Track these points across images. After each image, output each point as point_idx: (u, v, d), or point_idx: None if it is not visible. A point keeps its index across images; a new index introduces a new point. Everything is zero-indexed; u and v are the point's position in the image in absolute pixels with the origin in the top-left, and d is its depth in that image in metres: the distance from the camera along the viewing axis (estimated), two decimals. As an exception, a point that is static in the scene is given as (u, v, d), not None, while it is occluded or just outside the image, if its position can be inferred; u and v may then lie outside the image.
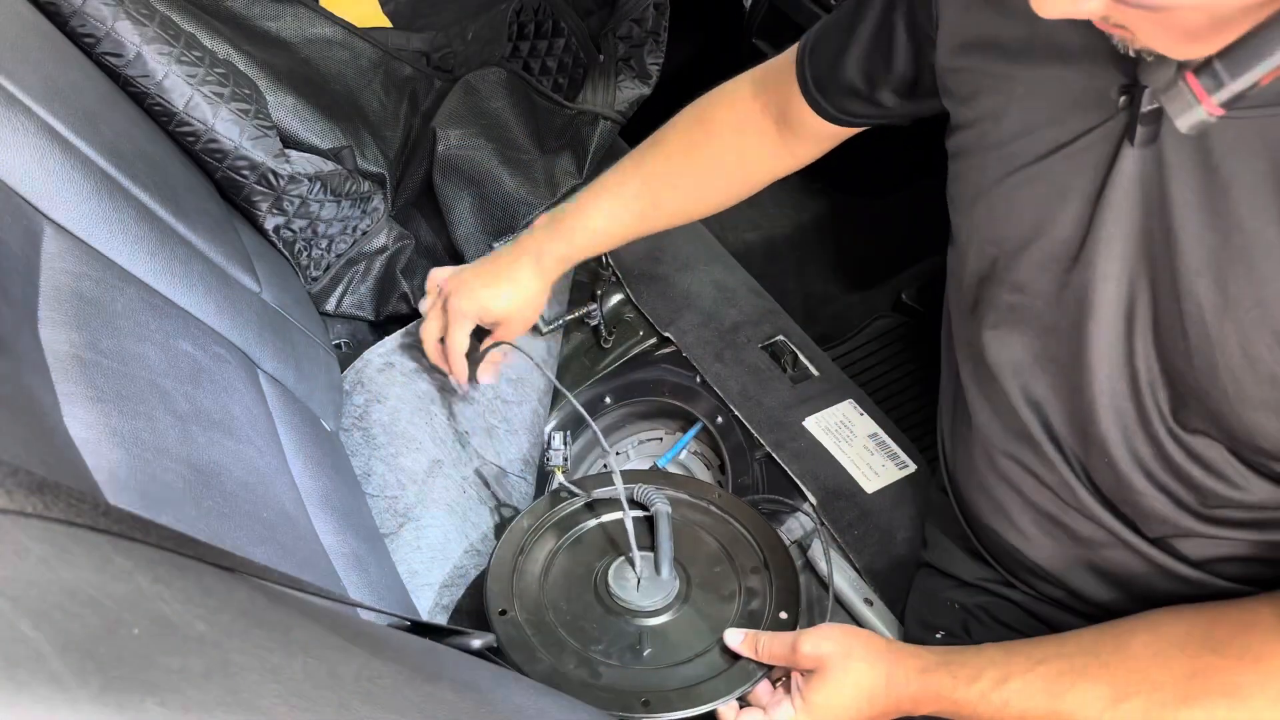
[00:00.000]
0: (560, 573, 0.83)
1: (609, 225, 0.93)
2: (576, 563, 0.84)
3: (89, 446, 0.53)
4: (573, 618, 0.79)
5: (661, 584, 0.80)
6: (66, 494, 0.33)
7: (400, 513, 0.94)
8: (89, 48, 0.83)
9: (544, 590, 0.81)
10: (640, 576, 0.80)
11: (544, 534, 0.86)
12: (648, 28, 1.24)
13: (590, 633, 0.77)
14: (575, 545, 0.86)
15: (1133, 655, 0.60)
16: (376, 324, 1.19)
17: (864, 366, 1.39)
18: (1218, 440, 0.58)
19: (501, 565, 0.82)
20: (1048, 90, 0.60)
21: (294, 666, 0.35)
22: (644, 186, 0.93)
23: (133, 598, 0.31)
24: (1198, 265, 0.54)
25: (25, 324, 0.54)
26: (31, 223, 0.61)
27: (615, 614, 0.79)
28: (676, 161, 0.92)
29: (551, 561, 0.84)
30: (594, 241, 0.95)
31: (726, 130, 0.91)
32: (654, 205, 0.93)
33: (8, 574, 0.27)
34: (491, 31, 1.30)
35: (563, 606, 0.80)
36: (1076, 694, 0.60)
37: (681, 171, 0.92)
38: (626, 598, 0.79)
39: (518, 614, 0.78)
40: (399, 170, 1.25)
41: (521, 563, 0.83)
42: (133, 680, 0.27)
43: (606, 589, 0.80)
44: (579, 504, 0.88)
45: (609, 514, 0.87)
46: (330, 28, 1.17)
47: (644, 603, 0.79)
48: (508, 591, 0.80)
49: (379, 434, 0.98)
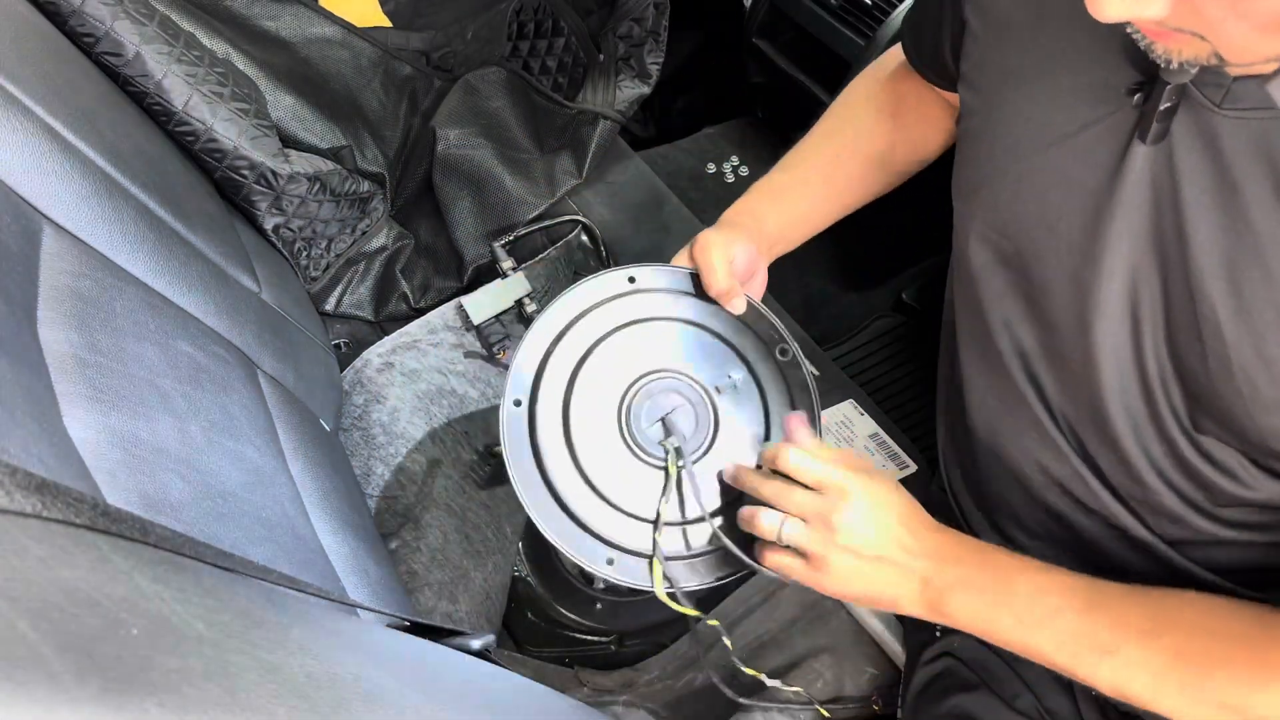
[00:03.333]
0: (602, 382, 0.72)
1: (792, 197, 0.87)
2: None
3: (89, 446, 0.53)
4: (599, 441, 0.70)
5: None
6: (65, 494, 0.33)
7: (400, 513, 0.94)
8: (88, 47, 0.83)
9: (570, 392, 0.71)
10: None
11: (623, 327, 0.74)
12: (648, 27, 1.24)
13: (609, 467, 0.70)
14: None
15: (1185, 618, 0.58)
16: (376, 324, 1.19)
17: (864, 366, 1.39)
18: (1230, 444, 0.58)
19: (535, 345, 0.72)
20: (1056, 80, 0.60)
21: (294, 666, 0.35)
22: (821, 155, 0.88)
23: (132, 598, 0.31)
24: (1211, 267, 0.54)
25: (24, 324, 0.54)
26: (31, 223, 0.61)
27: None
28: (863, 119, 0.88)
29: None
30: (783, 213, 0.87)
31: (905, 84, 0.88)
32: (832, 176, 0.87)
33: (7, 574, 0.27)
34: (491, 31, 1.30)
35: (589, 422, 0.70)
36: (1116, 610, 0.59)
37: (870, 128, 0.88)
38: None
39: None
40: (399, 170, 1.25)
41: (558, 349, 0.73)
42: (132, 680, 0.27)
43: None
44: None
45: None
46: (330, 27, 1.17)
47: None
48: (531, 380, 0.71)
49: (379, 434, 0.98)
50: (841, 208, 0.90)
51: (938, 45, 0.76)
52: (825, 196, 0.88)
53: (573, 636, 0.96)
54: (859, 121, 0.88)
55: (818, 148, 0.88)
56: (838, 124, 0.89)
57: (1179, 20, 0.44)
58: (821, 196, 0.88)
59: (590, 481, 0.70)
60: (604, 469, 0.70)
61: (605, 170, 1.26)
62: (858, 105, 0.89)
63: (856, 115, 0.89)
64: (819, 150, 0.88)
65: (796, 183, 0.87)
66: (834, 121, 0.89)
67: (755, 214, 0.84)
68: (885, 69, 0.90)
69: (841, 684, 0.87)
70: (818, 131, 0.89)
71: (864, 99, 0.89)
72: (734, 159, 1.53)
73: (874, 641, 0.90)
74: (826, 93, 1.35)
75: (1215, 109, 0.51)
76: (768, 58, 1.43)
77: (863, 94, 0.90)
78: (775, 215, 0.86)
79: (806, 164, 0.87)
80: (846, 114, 0.89)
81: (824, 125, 0.90)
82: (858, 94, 0.90)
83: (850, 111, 0.89)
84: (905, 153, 0.89)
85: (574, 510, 0.69)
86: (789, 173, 0.87)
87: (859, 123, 0.88)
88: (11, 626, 0.25)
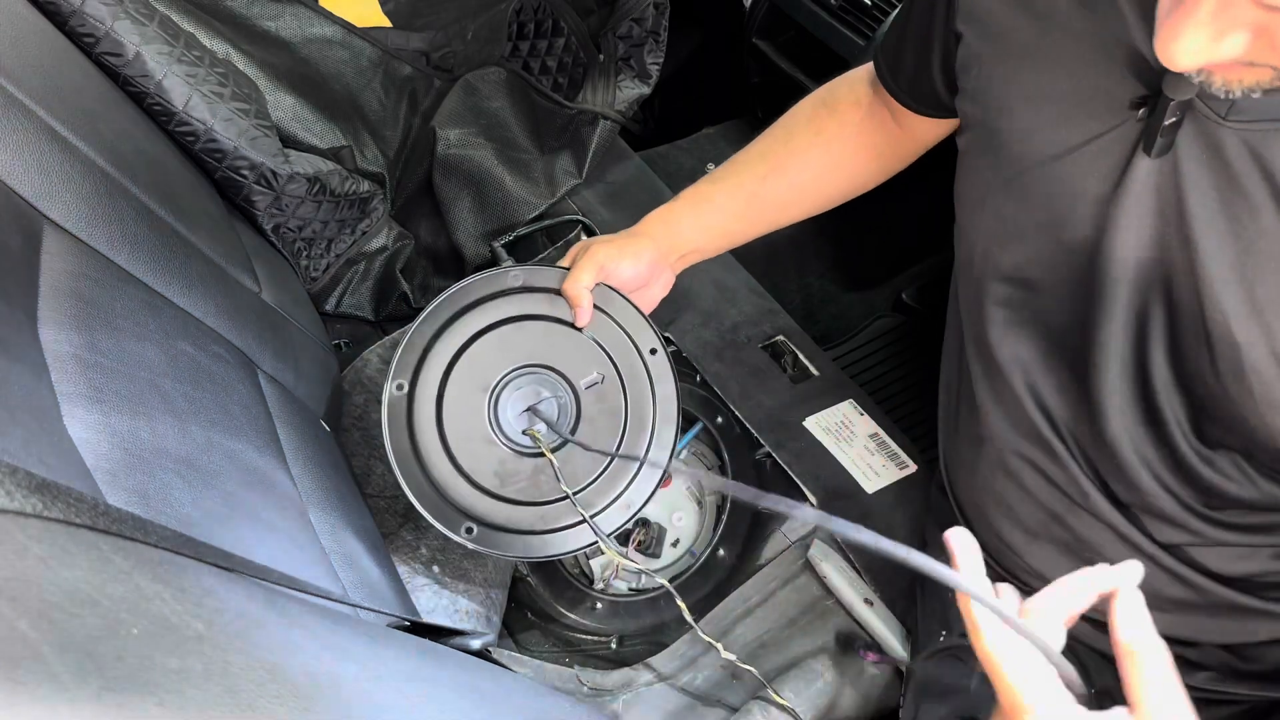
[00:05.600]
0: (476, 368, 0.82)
1: (714, 215, 0.88)
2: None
3: (89, 446, 0.53)
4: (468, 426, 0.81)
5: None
6: (66, 494, 0.33)
7: (400, 513, 0.94)
8: (88, 48, 0.83)
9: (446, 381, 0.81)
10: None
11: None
12: (648, 27, 1.24)
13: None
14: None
15: None
16: (376, 324, 1.19)
17: (864, 366, 1.39)
18: (1234, 448, 0.58)
19: (420, 336, 0.81)
20: (1059, 92, 0.60)
21: (294, 666, 0.35)
22: (753, 172, 0.88)
23: (132, 598, 0.31)
24: (1221, 273, 0.54)
25: (25, 324, 0.54)
26: (31, 223, 0.61)
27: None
28: (799, 141, 0.88)
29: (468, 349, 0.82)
30: (702, 223, 0.89)
31: (849, 113, 0.87)
32: (758, 193, 0.88)
33: (8, 574, 0.27)
34: (491, 31, 1.30)
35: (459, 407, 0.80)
36: None
37: (804, 151, 0.88)
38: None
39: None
40: (399, 170, 1.25)
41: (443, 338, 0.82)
42: (132, 680, 0.27)
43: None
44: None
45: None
46: (330, 27, 1.16)
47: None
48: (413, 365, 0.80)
49: (379, 434, 0.98)
50: (765, 226, 0.90)
51: (921, 67, 0.75)
52: (747, 216, 0.88)
53: (573, 636, 0.96)
54: (794, 143, 0.88)
55: (750, 164, 0.88)
56: (773, 143, 0.88)
57: (1254, 56, 0.44)
58: (743, 215, 0.88)
59: (455, 460, 0.80)
60: (471, 451, 0.80)
61: (605, 170, 1.26)
62: (797, 127, 0.89)
63: (793, 137, 0.88)
64: (751, 167, 0.88)
65: (722, 196, 0.87)
66: (770, 140, 0.89)
67: (671, 222, 0.86)
68: (833, 94, 0.89)
69: (841, 684, 0.87)
70: (754, 147, 0.89)
71: (805, 121, 0.89)
72: (734, 159, 1.53)
73: (874, 641, 0.90)
74: (826, 93, 1.35)
75: (1221, 121, 0.52)
76: (768, 58, 1.43)
77: (805, 116, 0.89)
78: (693, 225, 0.87)
79: (736, 179, 0.88)
80: (784, 135, 0.89)
81: (761, 142, 0.89)
82: (800, 116, 0.89)
83: (788, 133, 0.88)
84: (838, 181, 0.89)
85: (440, 485, 0.79)
86: (717, 184, 0.88)
87: (794, 145, 0.88)
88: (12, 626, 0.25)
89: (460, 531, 0.78)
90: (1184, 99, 0.52)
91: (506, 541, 0.79)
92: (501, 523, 0.79)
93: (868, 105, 0.86)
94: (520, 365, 0.82)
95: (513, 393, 0.81)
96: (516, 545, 0.79)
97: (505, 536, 0.79)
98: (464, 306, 0.82)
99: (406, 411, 0.80)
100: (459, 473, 0.79)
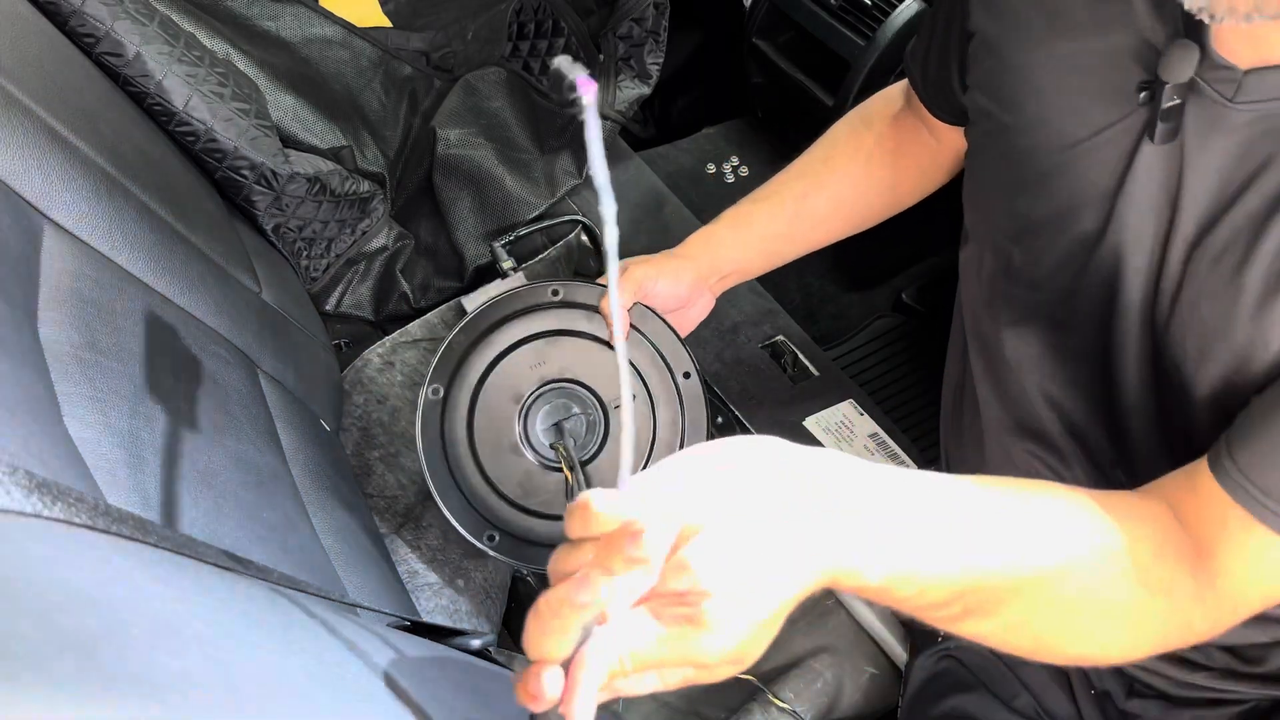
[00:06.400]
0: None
1: (754, 233, 0.88)
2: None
3: (89, 446, 0.53)
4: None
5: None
6: (66, 494, 0.33)
7: (400, 513, 0.94)
8: (88, 48, 0.83)
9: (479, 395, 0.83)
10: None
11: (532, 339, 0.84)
12: (648, 27, 1.24)
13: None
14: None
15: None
16: (376, 324, 1.19)
17: (864, 366, 1.39)
18: None
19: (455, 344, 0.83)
20: (1066, 85, 0.60)
21: (294, 667, 0.35)
22: (793, 190, 0.88)
23: (132, 598, 0.31)
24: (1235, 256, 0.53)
25: (25, 324, 0.54)
26: (31, 223, 0.61)
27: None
28: (839, 158, 0.88)
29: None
30: (743, 243, 0.88)
31: (886, 128, 0.88)
32: (799, 212, 0.87)
33: (8, 574, 0.27)
34: (491, 31, 1.30)
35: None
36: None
37: (844, 168, 0.88)
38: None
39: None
40: (399, 170, 1.25)
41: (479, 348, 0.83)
42: (132, 680, 0.27)
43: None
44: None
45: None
46: (330, 27, 1.16)
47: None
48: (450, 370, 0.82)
49: (379, 434, 0.98)
50: (807, 244, 0.90)
51: (944, 73, 0.75)
52: (789, 234, 0.88)
53: (573, 636, 0.96)
54: (834, 160, 0.88)
55: (790, 183, 0.88)
56: (812, 162, 0.89)
57: None
58: (785, 233, 0.88)
59: (483, 468, 0.81)
60: (499, 460, 0.82)
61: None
62: (836, 145, 0.89)
63: (832, 155, 0.88)
64: (791, 185, 0.88)
65: (763, 215, 0.88)
66: (810, 159, 0.89)
67: (712, 243, 0.86)
68: (873, 110, 0.89)
69: (841, 684, 0.87)
70: (794, 167, 0.89)
71: (844, 139, 0.89)
72: (734, 159, 1.53)
73: (874, 641, 0.90)
74: (826, 93, 1.35)
75: (1229, 103, 0.51)
76: (768, 58, 1.43)
77: (843, 134, 0.89)
78: (734, 245, 0.87)
79: (776, 198, 0.88)
80: (823, 153, 0.89)
81: (801, 161, 0.89)
82: (839, 134, 0.90)
83: (827, 151, 0.89)
84: (880, 195, 0.89)
85: (468, 491, 0.80)
86: (758, 204, 0.88)
87: (834, 162, 0.88)
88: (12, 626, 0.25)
89: (482, 539, 0.79)
90: (1182, 81, 0.52)
91: (525, 552, 0.80)
92: (523, 533, 0.80)
93: (903, 119, 0.86)
94: (552, 380, 0.83)
95: (543, 406, 0.83)
96: (535, 556, 0.80)
97: (526, 547, 0.80)
98: (502, 317, 0.84)
99: (440, 416, 0.81)
100: (485, 480, 0.81)
